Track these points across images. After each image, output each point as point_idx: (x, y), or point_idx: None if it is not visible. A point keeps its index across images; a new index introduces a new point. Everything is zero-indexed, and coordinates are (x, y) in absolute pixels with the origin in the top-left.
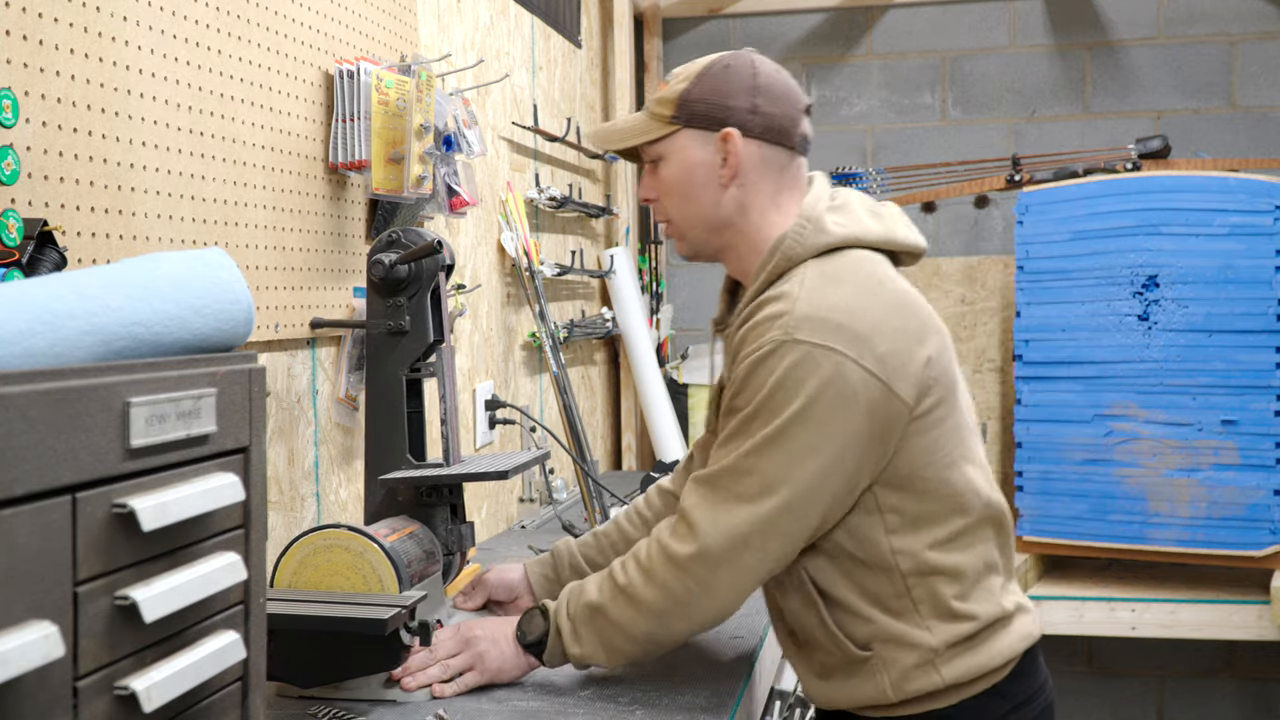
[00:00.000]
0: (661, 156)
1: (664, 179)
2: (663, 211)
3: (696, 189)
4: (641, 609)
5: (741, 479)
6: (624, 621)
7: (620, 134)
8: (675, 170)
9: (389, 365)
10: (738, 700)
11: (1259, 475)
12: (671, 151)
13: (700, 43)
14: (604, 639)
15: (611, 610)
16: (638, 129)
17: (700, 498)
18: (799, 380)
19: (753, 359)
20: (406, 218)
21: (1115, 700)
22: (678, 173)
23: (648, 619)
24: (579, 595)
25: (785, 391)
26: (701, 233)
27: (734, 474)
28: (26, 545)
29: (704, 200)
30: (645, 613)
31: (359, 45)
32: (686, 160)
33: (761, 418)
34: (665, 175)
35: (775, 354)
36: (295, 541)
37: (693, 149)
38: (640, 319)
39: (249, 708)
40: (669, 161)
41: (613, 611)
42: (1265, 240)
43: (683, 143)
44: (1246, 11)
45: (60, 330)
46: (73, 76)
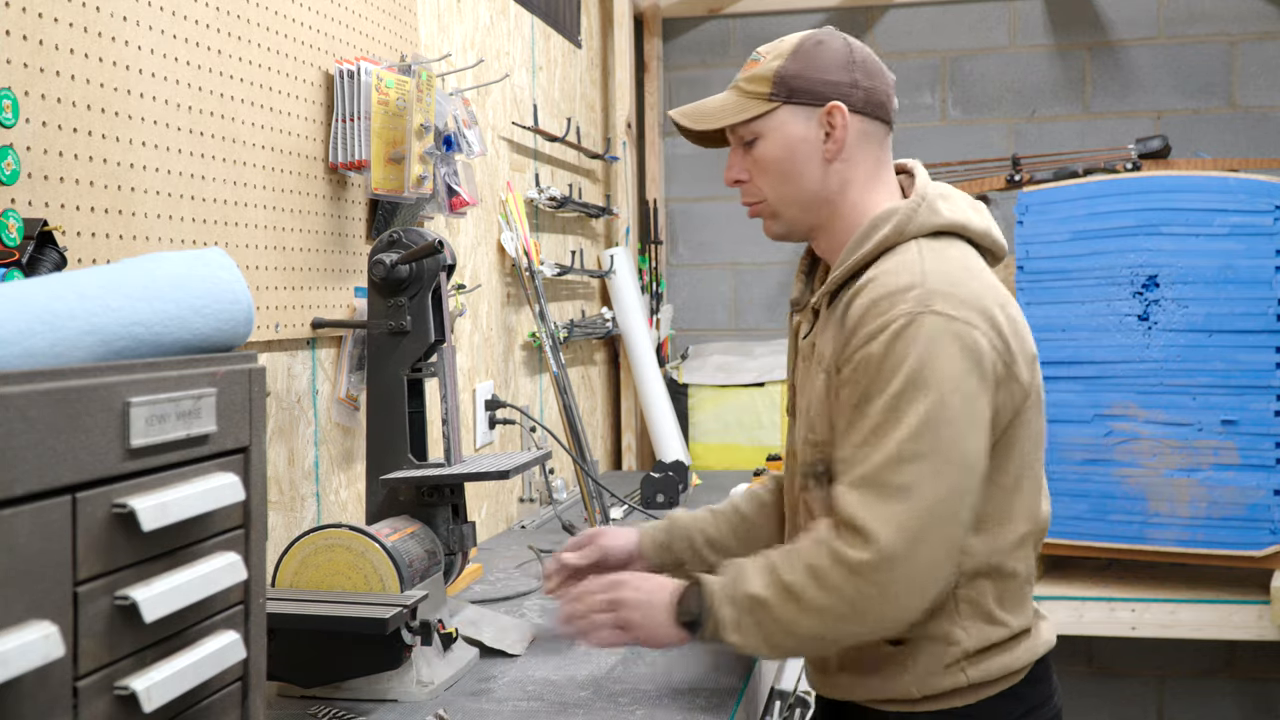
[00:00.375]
0: (759, 135)
1: (762, 157)
2: (754, 192)
3: (799, 166)
4: (809, 611)
5: (903, 468)
6: (788, 620)
7: (715, 114)
8: (775, 148)
9: (390, 365)
10: (738, 700)
11: (1259, 475)
12: (770, 129)
13: (700, 42)
14: (766, 634)
15: (776, 607)
16: (734, 107)
17: (863, 499)
18: (943, 353)
19: (888, 334)
20: (406, 218)
21: (1115, 700)
22: (779, 150)
23: (816, 621)
24: (740, 583)
25: (931, 366)
26: (798, 211)
27: (895, 465)
28: (26, 545)
29: (806, 177)
30: (814, 615)
31: (359, 45)
32: (788, 137)
33: (909, 396)
34: (763, 153)
35: (912, 326)
36: (297, 541)
37: (794, 125)
38: (640, 319)
39: (249, 708)
40: (768, 139)
41: (777, 609)
42: (1265, 240)
43: (783, 119)
44: (1246, 11)
45: (60, 330)
46: (73, 76)
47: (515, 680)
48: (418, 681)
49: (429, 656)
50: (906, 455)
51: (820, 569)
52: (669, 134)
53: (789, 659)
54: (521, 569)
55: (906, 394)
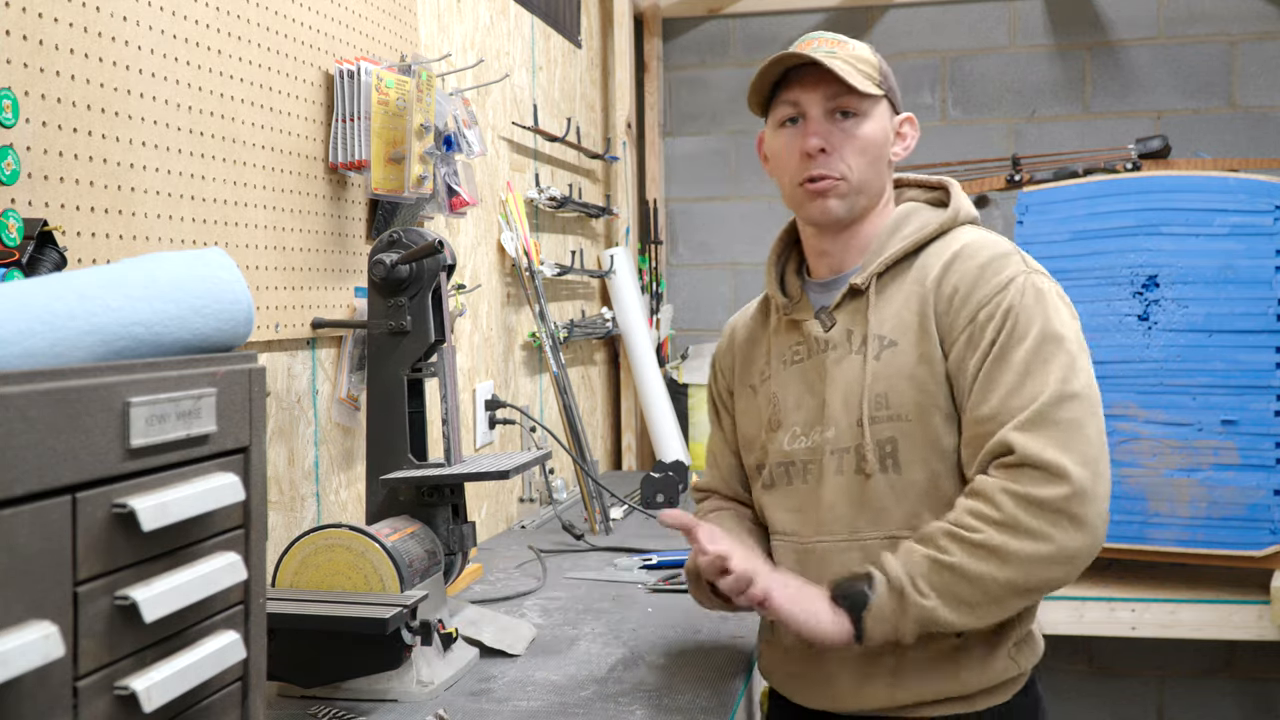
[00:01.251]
0: (864, 115)
1: (863, 136)
2: (836, 166)
3: (883, 158)
4: (1009, 560)
5: (1067, 405)
6: (981, 574)
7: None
8: (876, 132)
9: (390, 365)
10: (738, 700)
11: (1259, 475)
12: (875, 114)
13: (700, 42)
14: (953, 593)
15: (973, 566)
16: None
17: (1043, 438)
18: (1063, 308)
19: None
20: (406, 218)
21: (1115, 700)
22: (878, 135)
23: (1015, 570)
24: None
25: (1058, 312)
26: (868, 197)
27: (1059, 402)
28: (26, 545)
29: (882, 171)
30: (1012, 563)
31: (359, 45)
32: (884, 128)
33: (1050, 344)
34: (866, 133)
35: (1030, 283)
36: (297, 541)
37: (885, 120)
38: (640, 319)
39: (249, 708)
40: (871, 121)
41: (975, 567)
42: (1265, 240)
43: (882, 111)
44: (1246, 11)
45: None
46: (73, 76)
47: (515, 680)
48: (418, 681)
49: (429, 656)
50: (1067, 395)
51: (1012, 519)
52: (669, 134)
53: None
54: (521, 569)
55: (1047, 343)
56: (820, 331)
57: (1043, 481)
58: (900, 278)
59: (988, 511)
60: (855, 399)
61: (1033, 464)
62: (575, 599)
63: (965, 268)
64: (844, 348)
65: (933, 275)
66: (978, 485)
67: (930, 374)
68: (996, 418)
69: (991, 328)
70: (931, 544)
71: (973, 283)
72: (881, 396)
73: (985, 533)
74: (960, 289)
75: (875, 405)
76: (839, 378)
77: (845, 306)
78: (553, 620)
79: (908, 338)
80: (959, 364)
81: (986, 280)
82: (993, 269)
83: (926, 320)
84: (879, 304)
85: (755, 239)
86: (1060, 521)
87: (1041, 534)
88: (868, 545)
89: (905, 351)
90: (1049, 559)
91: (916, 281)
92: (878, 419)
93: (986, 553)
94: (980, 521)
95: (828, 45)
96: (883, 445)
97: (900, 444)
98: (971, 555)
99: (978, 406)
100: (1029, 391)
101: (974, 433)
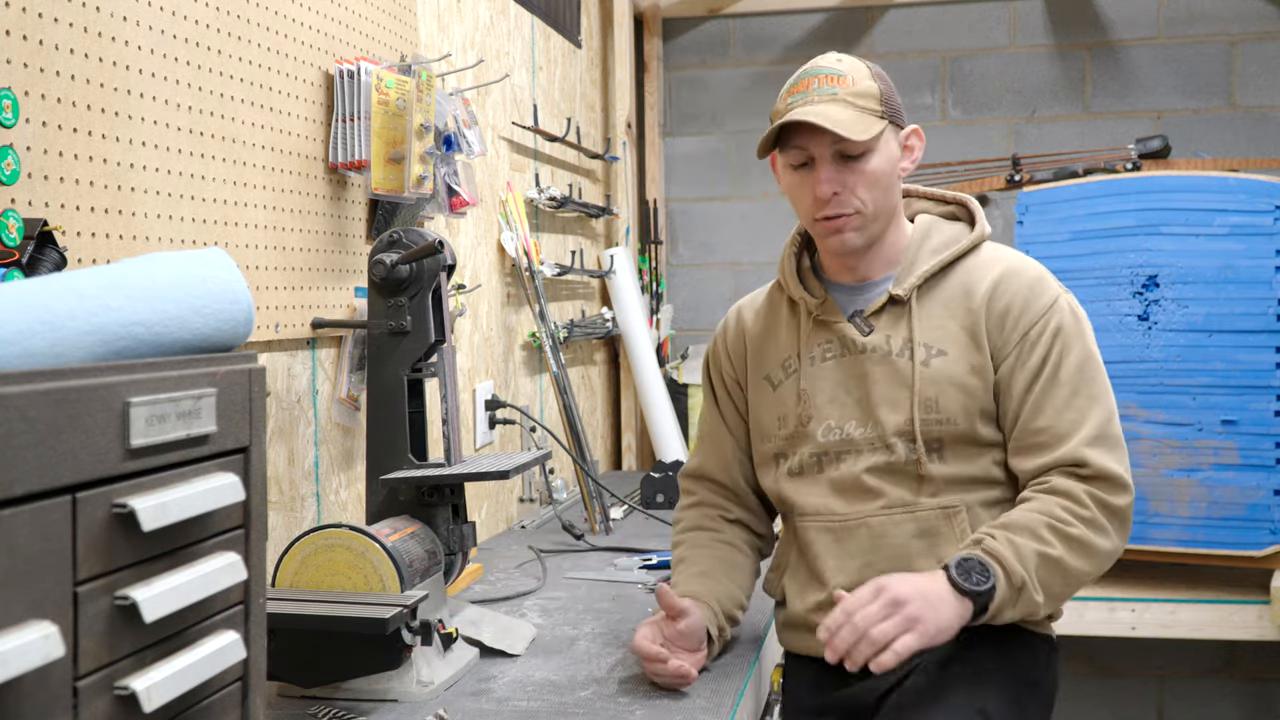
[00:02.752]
0: (872, 151)
1: (872, 172)
2: (851, 203)
3: (894, 182)
4: (1094, 556)
5: (1114, 421)
6: (1076, 569)
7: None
8: (884, 164)
9: (390, 365)
10: (737, 700)
11: (1259, 475)
12: (880, 146)
13: (700, 42)
14: (1051, 586)
15: (1069, 561)
16: (865, 124)
17: (1110, 453)
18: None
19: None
20: (406, 218)
21: (1115, 700)
22: (886, 166)
23: (1096, 564)
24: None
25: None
26: (883, 222)
27: (1110, 420)
28: (26, 545)
29: (894, 192)
30: (1096, 558)
31: (359, 45)
32: (891, 155)
33: (1092, 362)
34: (874, 169)
35: (1067, 308)
36: (297, 541)
37: (892, 144)
38: (640, 319)
39: (249, 708)
40: (878, 155)
41: (1070, 562)
42: (1265, 240)
43: (887, 138)
44: (1246, 11)
45: (60, 330)
46: (73, 76)
47: (515, 680)
48: (418, 681)
49: (429, 656)
50: (1111, 411)
51: (1097, 520)
52: (669, 134)
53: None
54: (521, 569)
55: (1089, 362)
56: (857, 335)
57: (1114, 490)
58: (938, 289)
59: (1078, 510)
60: (904, 400)
61: (1105, 476)
62: (575, 599)
63: (1014, 287)
64: (884, 351)
65: (981, 292)
66: (1059, 485)
67: (981, 385)
68: (1051, 430)
69: (1042, 346)
70: (1033, 536)
71: (1024, 302)
72: (931, 401)
73: (1079, 528)
74: (1013, 308)
75: (925, 408)
76: (882, 380)
77: (881, 314)
78: (553, 620)
79: (957, 349)
80: (1008, 376)
81: (1035, 300)
82: (1039, 289)
83: (978, 335)
84: (921, 314)
85: (755, 239)
86: (1123, 524)
87: (1114, 534)
88: (919, 516)
89: (956, 361)
90: (1113, 556)
91: (962, 296)
92: (927, 421)
93: (1080, 547)
94: (1073, 517)
95: (830, 85)
96: (930, 443)
97: (946, 441)
98: (1070, 549)
99: (1032, 419)
100: (1079, 409)
101: (1027, 442)
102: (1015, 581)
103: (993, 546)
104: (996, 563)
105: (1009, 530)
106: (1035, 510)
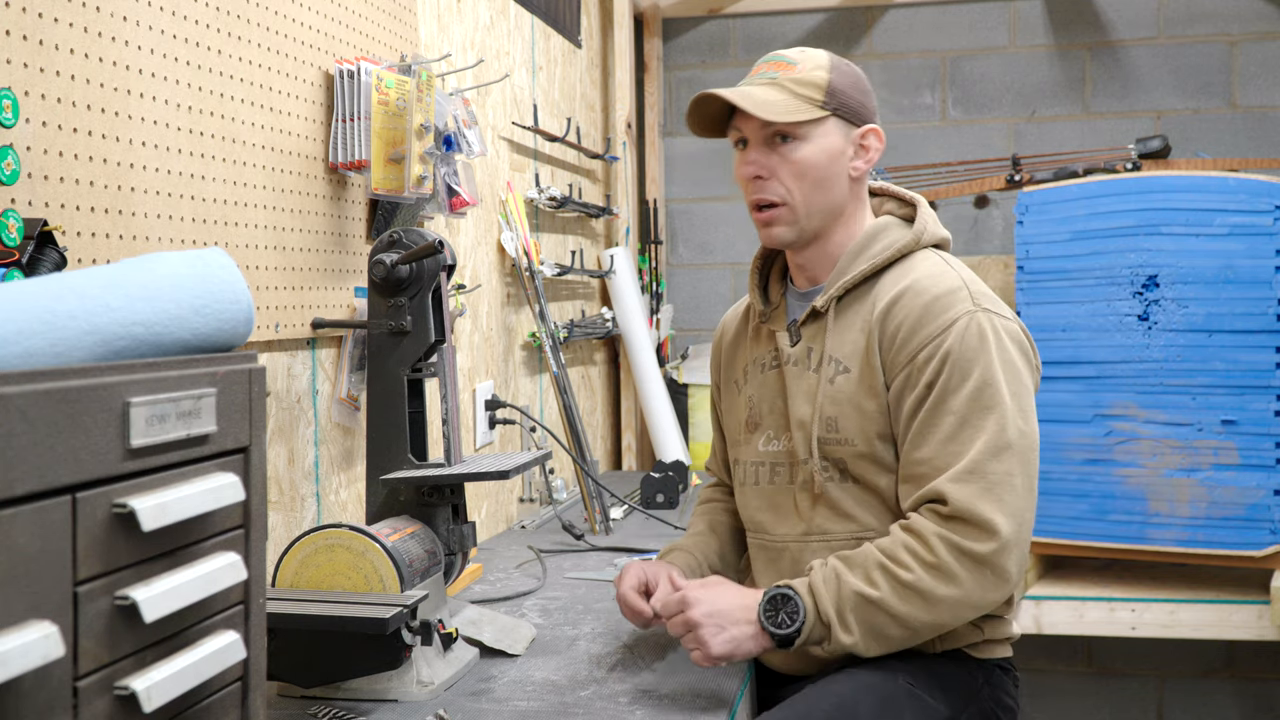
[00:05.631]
0: (802, 138)
1: (800, 161)
2: (776, 191)
3: (831, 177)
4: (935, 604)
5: (1001, 457)
6: (906, 614)
7: (774, 107)
8: (816, 155)
9: (390, 365)
10: (738, 700)
11: (1259, 475)
12: (816, 136)
13: (700, 42)
14: (876, 629)
15: (895, 605)
16: (790, 106)
17: (975, 492)
18: (1007, 348)
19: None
20: (406, 218)
21: (1115, 700)
22: (819, 158)
23: (938, 612)
24: (840, 584)
25: (1001, 361)
26: (818, 219)
27: (992, 457)
28: (26, 545)
29: (834, 188)
30: (938, 607)
31: (359, 45)
32: (830, 148)
33: (988, 392)
34: (804, 157)
35: (974, 324)
36: (297, 541)
37: (835, 137)
38: (640, 319)
39: (249, 708)
40: (810, 145)
41: (896, 606)
42: (1265, 240)
43: (828, 129)
44: (1246, 11)
45: (60, 330)
46: (73, 76)
47: (515, 680)
48: (418, 681)
49: (429, 656)
50: (1001, 446)
51: (943, 565)
52: (669, 134)
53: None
54: (521, 569)
55: (985, 390)
56: (787, 345)
57: (974, 535)
58: (861, 300)
59: (921, 552)
60: (809, 418)
61: (963, 517)
62: (575, 599)
63: (910, 305)
64: (803, 364)
65: (879, 309)
66: (914, 524)
67: (877, 406)
68: (931, 462)
69: (930, 370)
70: (863, 575)
71: (915, 322)
72: (831, 420)
73: (916, 573)
74: (903, 327)
75: (826, 427)
76: (797, 393)
77: (809, 324)
78: (553, 620)
79: (857, 366)
80: (897, 400)
81: (929, 320)
82: (937, 308)
83: (872, 354)
84: (837, 327)
85: (755, 239)
86: (983, 572)
87: (966, 582)
88: (834, 546)
89: (855, 380)
90: (967, 605)
91: (869, 310)
92: (828, 440)
93: (914, 594)
94: (914, 560)
95: (771, 69)
96: (836, 464)
97: (849, 463)
98: (899, 595)
99: (914, 449)
100: (962, 442)
101: (909, 473)
102: (824, 618)
103: (815, 581)
104: (811, 598)
105: (846, 563)
106: (880, 547)
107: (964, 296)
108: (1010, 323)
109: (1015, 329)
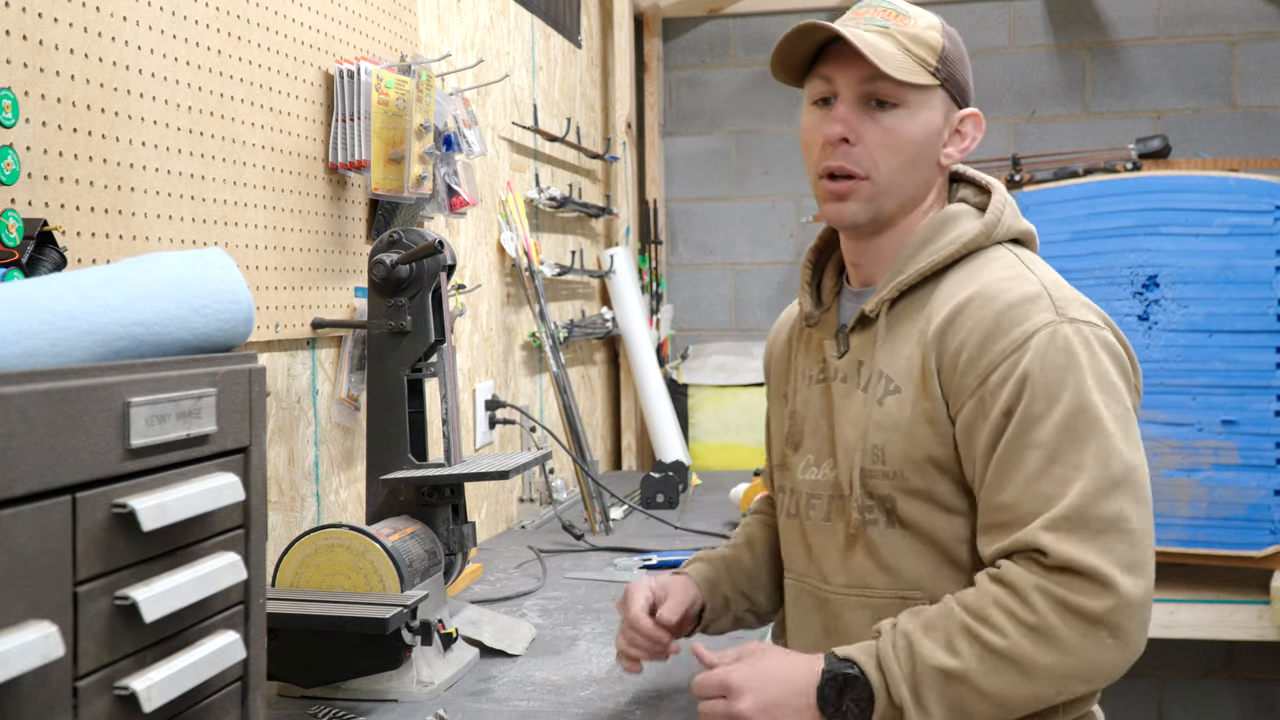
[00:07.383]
0: (905, 105)
1: (897, 131)
2: (861, 161)
3: (924, 159)
4: (1035, 674)
5: (1109, 499)
6: (999, 689)
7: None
8: (916, 129)
9: (390, 365)
10: None
11: (1259, 475)
12: (920, 107)
13: (700, 43)
14: (961, 707)
15: (982, 678)
16: (908, 66)
17: (1080, 541)
18: (1097, 359)
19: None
20: (406, 218)
21: (1115, 700)
22: (918, 133)
23: (1041, 684)
24: (915, 655)
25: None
26: (897, 200)
27: (1098, 497)
28: (26, 545)
29: (922, 173)
30: (1039, 678)
31: (359, 45)
32: (930, 124)
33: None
34: (902, 128)
35: (1057, 337)
36: (297, 541)
37: (937, 113)
38: (640, 319)
39: (249, 708)
40: (912, 116)
41: (984, 679)
42: (1265, 240)
43: (934, 103)
44: (1246, 11)
45: (60, 330)
46: (73, 76)
47: (515, 680)
48: (418, 681)
49: (429, 656)
50: (1105, 484)
51: (1048, 627)
52: (669, 134)
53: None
54: (521, 569)
55: (1080, 416)
56: (834, 356)
57: (1087, 590)
58: (919, 305)
59: (1019, 611)
60: (856, 445)
61: (1071, 569)
62: (575, 599)
63: (977, 317)
64: (852, 381)
65: (937, 322)
66: (1007, 574)
67: (933, 436)
68: (1016, 507)
69: (1006, 396)
70: (943, 639)
71: (984, 337)
72: (878, 450)
73: (1011, 638)
74: (969, 344)
75: (871, 458)
76: (843, 415)
77: (859, 332)
78: (553, 620)
79: (911, 387)
80: (967, 432)
81: (1001, 334)
82: (1011, 319)
83: (929, 376)
84: (891, 337)
85: (755, 239)
86: (1099, 634)
87: (1076, 647)
88: (875, 605)
89: (907, 403)
90: (1079, 676)
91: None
92: (873, 474)
93: (1008, 664)
94: (1008, 621)
95: (881, 16)
96: (882, 501)
97: (899, 502)
98: (989, 666)
99: (994, 493)
100: (1058, 478)
101: (989, 521)
102: (896, 700)
103: (885, 652)
104: (880, 675)
105: (923, 627)
106: (965, 604)
107: (1044, 304)
108: (1104, 331)
109: (1110, 339)
